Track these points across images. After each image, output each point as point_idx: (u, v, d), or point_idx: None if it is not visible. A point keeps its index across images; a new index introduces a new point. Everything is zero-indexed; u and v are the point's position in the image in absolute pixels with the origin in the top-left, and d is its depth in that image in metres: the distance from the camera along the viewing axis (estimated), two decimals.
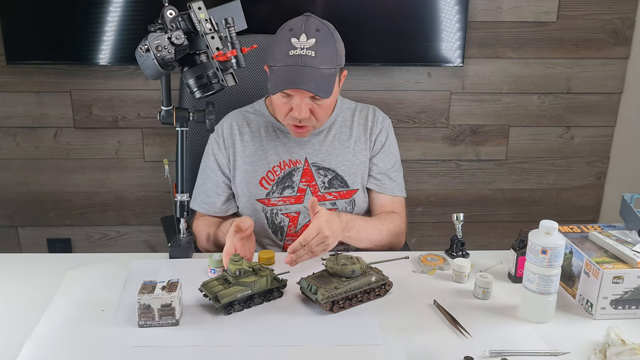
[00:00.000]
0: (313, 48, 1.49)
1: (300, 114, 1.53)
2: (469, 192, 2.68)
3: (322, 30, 1.52)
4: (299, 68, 1.49)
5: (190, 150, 1.82)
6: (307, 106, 1.53)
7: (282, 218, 1.68)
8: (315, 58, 1.49)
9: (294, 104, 1.53)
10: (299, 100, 1.52)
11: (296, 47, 1.49)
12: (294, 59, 1.49)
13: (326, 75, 1.51)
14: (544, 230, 1.25)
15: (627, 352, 1.13)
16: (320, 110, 1.57)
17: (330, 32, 1.54)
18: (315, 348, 1.19)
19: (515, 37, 2.45)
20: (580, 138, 2.62)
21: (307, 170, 1.67)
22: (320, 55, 1.50)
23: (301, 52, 1.49)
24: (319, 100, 1.54)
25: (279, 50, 1.52)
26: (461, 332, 1.24)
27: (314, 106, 1.55)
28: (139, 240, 2.66)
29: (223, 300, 1.26)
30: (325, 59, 1.51)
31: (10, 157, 2.51)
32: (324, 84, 1.51)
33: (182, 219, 1.53)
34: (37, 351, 1.16)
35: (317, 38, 1.50)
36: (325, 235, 1.43)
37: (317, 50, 1.49)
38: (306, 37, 1.49)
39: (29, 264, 1.52)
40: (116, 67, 2.39)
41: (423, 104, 2.53)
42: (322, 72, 1.50)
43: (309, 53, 1.49)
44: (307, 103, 1.53)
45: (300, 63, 1.49)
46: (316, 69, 1.49)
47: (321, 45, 1.50)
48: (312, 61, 1.49)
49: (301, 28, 1.50)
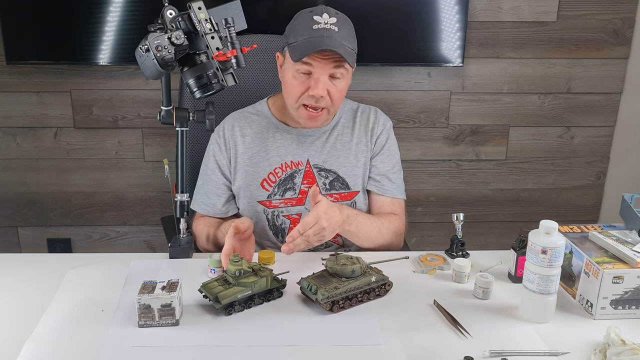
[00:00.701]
0: (336, 25, 1.52)
1: (318, 90, 1.52)
2: (469, 192, 2.68)
3: (342, 16, 1.56)
4: (326, 38, 1.50)
5: (190, 150, 1.82)
6: (324, 85, 1.53)
7: (283, 220, 1.67)
8: (339, 33, 1.51)
9: (312, 82, 1.53)
10: (318, 75, 1.52)
11: (319, 22, 1.51)
12: (318, 32, 1.50)
13: (350, 52, 1.53)
14: (544, 230, 1.25)
15: (627, 352, 1.13)
16: (336, 92, 1.56)
17: (347, 21, 1.57)
18: (315, 348, 1.19)
19: (515, 37, 2.45)
20: (580, 138, 2.62)
21: (308, 172, 1.67)
22: (343, 32, 1.53)
23: (325, 26, 1.51)
24: (337, 79, 1.54)
25: (301, 27, 1.53)
26: (461, 332, 1.24)
27: (331, 87, 1.55)
28: (139, 240, 2.66)
29: (223, 301, 1.26)
30: (347, 38, 1.54)
31: (10, 157, 2.51)
32: (349, 56, 1.52)
33: (182, 219, 1.53)
34: (37, 351, 1.16)
35: (338, 19, 1.53)
36: (322, 226, 1.42)
37: (340, 29, 1.52)
38: (328, 16, 1.53)
39: (29, 264, 1.52)
40: (116, 67, 2.39)
41: (423, 104, 2.53)
42: (346, 48, 1.52)
43: (333, 28, 1.51)
44: (325, 82, 1.53)
45: (326, 35, 1.50)
46: (340, 42, 1.51)
47: (342, 25, 1.53)
48: (337, 35, 1.51)
49: (322, 9, 1.54)
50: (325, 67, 1.51)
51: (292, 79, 1.55)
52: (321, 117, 1.59)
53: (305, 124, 1.61)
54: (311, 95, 1.53)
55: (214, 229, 1.63)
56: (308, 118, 1.58)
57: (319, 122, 1.61)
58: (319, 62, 1.51)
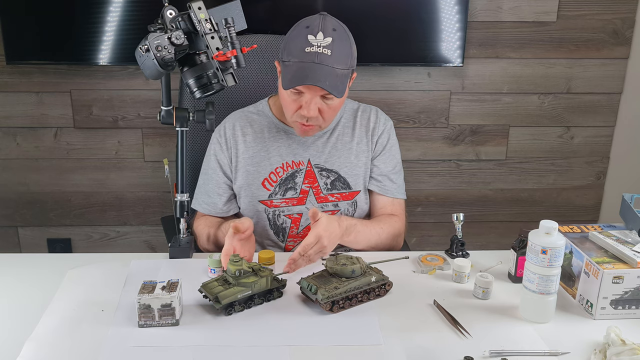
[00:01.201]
0: (329, 47, 1.48)
1: (309, 112, 1.52)
2: (469, 192, 2.68)
3: (339, 30, 1.52)
4: (315, 65, 1.48)
5: (190, 150, 1.82)
6: (316, 105, 1.52)
7: (284, 219, 1.67)
8: (331, 57, 1.48)
9: (304, 102, 1.52)
10: (310, 98, 1.52)
11: (313, 45, 1.48)
12: (310, 56, 1.48)
13: (340, 75, 1.51)
14: (544, 230, 1.25)
15: (627, 352, 1.13)
16: (328, 110, 1.56)
17: (346, 33, 1.54)
18: (315, 348, 1.19)
19: (515, 37, 2.45)
20: (580, 138, 2.62)
21: (309, 172, 1.67)
22: (336, 54, 1.49)
23: (317, 50, 1.48)
24: (329, 99, 1.53)
25: (295, 46, 1.50)
26: (461, 332, 1.24)
27: (323, 106, 1.54)
28: (139, 240, 2.66)
29: (223, 301, 1.26)
30: (340, 59, 1.50)
31: (10, 157, 2.51)
32: (338, 84, 1.50)
33: (182, 219, 1.53)
34: (37, 351, 1.16)
35: (333, 37, 1.49)
36: (323, 244, 1.44)
37: (334, 50, 1.48)
38: (323, 36, 1.49)
39: (29, 264, 1.52)
40: (116, 67, 2.39)
41: (423, 104, 2.52)
42: (337, 72, 1.49)
43: (326, 51, 1.48)
44: (316, 102, 1.52)
45: (317, 60, 1.48)
46: (332, 67, 1.48)
47: (337, 45, 1.49)
48: (328, 60, 1.48)
49: (318, 26, 1.49)
50: (314, 93, 1.52)
51: (285, 95, 1.56)
52: (314, 130, 1.61)
53: (299, 134, 1.64)
54: (302, 115, 1.54)
55: (214, 229, 1.63)
56: (301, 131, 1.61)
57: (312, 134, 1.63)
58: (308, 88, 1.51)
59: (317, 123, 1.57)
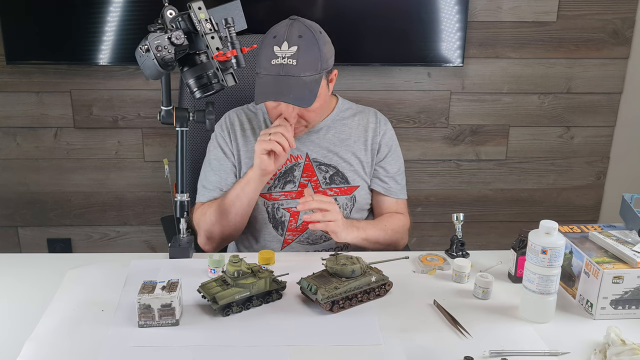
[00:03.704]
0: (294, 56, 1.49)
1: (289, 118, 1.55)
2: (469, 192, 2.68)
3: (306, 36, 1.52)
4: (280, 78, 1.49)
5: (190, 150, 1.82)
6: (294, 111, 1.55)
7: (283, 213, 1.68)
8: (296, 66, 1.49)
9: (283, 109, 1.56)
10: (285, 107, 1.55)
11: (278, 56, 1.50)
12: (275, 68, 1.50)
13: (309, 82, 1.51)
14: (544, 230, 1.25)
15: (627, 352, 1.13)
16: (308, 114, 1.58)
17: (314, 37, 1.53)
18: (315, 348, 1.19)
19: (515, 37, 2.45)
20: (580, 138, 2.62)
21: (308, 166, 1.68)
22: (302, 62, 1.50)
23: (282, 62, 1.49)
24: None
25: (263, 57, 1.53)
26: (461, 332, 1.24)
27: (302, 110, 1.56)
28: (139, 240, 2.66)
29: (221, 301, 1.26)
30: (307, 66, 1.51)
31: (10, 157, 2.51)
32: (305, 93, 1.51)
33: (182, 219, 1.53)
34: (37, 351, 1.16)
35: (299, 45, 1.50)
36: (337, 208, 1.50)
37: (299, 58, 1.49)
38: (288, 45, 1.50)
39: (29, 264, 1.52)
40: (116, 67, 2.39)
41: (423, 104, 2.53)
42: (304, 80, 1.50)
43: (291, 62, 1.49)
44: (293, 109, 1.55)
45: (282, 72, 1.49)
46: (297, 77, 1.50)
47: (303, 53, 1.50)
48: (294, 70, 1.49)
49: (284, 36, 1.50)
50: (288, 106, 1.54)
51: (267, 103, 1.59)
52: (302, 131, 1.63)
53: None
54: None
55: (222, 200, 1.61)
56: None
57: (302, 133, 1.65)
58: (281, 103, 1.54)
59: (302, 125, 1.60)
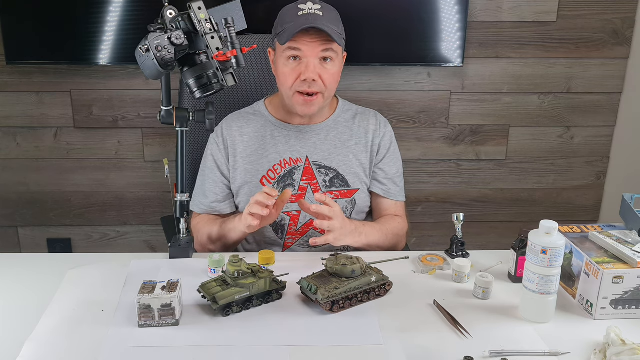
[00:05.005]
0: (320, 10, 1.55)
1: (309, 73, 1.54)
2: (469, 192, 2.68)
3: (327, 5, 1.58)
4: (312, 17, 1.53)
5: (190, 150, 1.82)
6: (315, 67, 1.55)
7: (282, 217, 1.68)
8: (323, 17, 1.54)
9: (303, 67, 1.55)
10: (309, 58, 1.55)
11: (304, 9, 1.54)
12: (303, 17, 1.53)
13: (336, 32, 1.55)
14: (544, 230, 1.25)
15: (627, 352, 1.13)
16: (328, 76, 1.58)
17: (335, 10, 1.59)
18: (315, 348, 1.19)
19: (515, 37, 2.45)
20: (580, 138, 2.62)
21: (308, 169, 1.67)
22: (327, 17, 1.55)
23: (310, 11, 1.54)
24: (326, 64, 1.56)
25: (286, 16, 1.57)
26: (461, 332, 1.24)
27: (323, 70, 1.56)
28: (139, 240, 2.66)
29: (221, 301, 1.26)
30: (332, 21, 1.55)
31: (10, 157, 2.51)
32: (336, 35, 1.54)
33: (182, 219, 1.53)
34: (37, 351, 1.16)
35: (322, 6, 1.57)
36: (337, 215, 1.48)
37: (324, 13, 1.55)
38: (312, 4, 1.56)
39: (29, 264, 1.52)
40: (116, 67, 2.39)
41: (423, 104, 2.53)
42: (331, 28, 1.54)
43: (318, 12, 1.54)
44: (315, 64, 1.55)
45: (311, 19, 1.53)
46: (326, 25, 1.53)
47: (327, 11, 1.56)
48: (322, 19, 1.53)
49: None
50: (314, 50, 1.54)
51: (283, 67, 1.58)
52: (317, 102, 1.60)
53: (301, 111, 1.62)
54: (303, 80, 1.56)
55: (217, 227, 1.63)
56: (303, 104, 1.60)
57: (315, 107, 1.61)
58: (307, 45, 1.54)
59: (319, 89, 1.58)
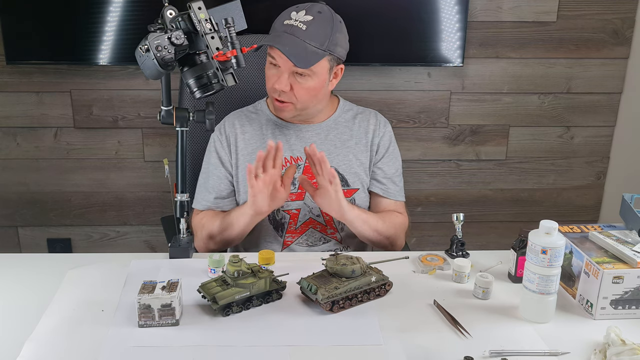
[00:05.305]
0: (306, 23, 1.53)
1: (279, 84, 1.56)
2: (469, 192, 2.68)
3: (325, 15, 1.56)
4: (285, 35, 1.53)
5: (190, 150, 1.82)
6: (287, 79, 1.56)
7: (282, 214, 1.68)
8: (304, 32, 1.52)
9: (276, 76, 1.57)
10: (282, 70, 1.56)
11: (291, 19, 1.54)
12: (285, 27, 1.54)
13: (310, 50, 1.53)
14: (544, 230, 1.25)
15: (627, 352, 1.13)
16: (300, 89, 1.57)
17: (332, 19, 1.57)
18: (315, 348, 1.19)
19: (515, 37, 2.45)
20: (580, 138, 2.62)
21: (308, 168, 1.67)
22: (311, 31, 1.53)
23: (293, 24, 1.53)
24: (300, 78, 1.56)
25: (278, 21, 1.58)
26: (461, 332, 1.24)
27: (295, 83, 1.57)
28: (139, 240, 2.66)
29: (221, 302, 1.26)
30: (314, 36, 1.53)
31: (10, 157, 2.51)
32: (303, 55, 1.52)
33: (182, 219, 1.53)
34: (37, 351, 1.16)
35: (315, 17, 1.54)
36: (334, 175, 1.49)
37: (310, 27, 1.53)
38: (304, 13, 1.54)
39: (29, 264, 1.52)
40: (116, 67, 2.39)
41: (423, 104, 2.52)
42: (306, 46, 1.52)
43: (300, 26, 1.53)
44: (287, 77, 1.56)
45: (289, 32, 1.53)
46: (301, 40, 1.52)
47: (315, 25, 1.53)
48: (300, 33, 1.52)
49: (305, 6, 1.56)
50: (286, 63, 1.54)
51: (267, 69, 1.61)
52: (288, 109, 1.62)
53: (276, 112, 1.67)
54: (274, 88, 1.57)
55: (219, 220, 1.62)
56: (276, 108, 1.64)
57: (287, 114, 1.64)
58: (280, 58, 1.54)
59: (290, 100, 1.59)
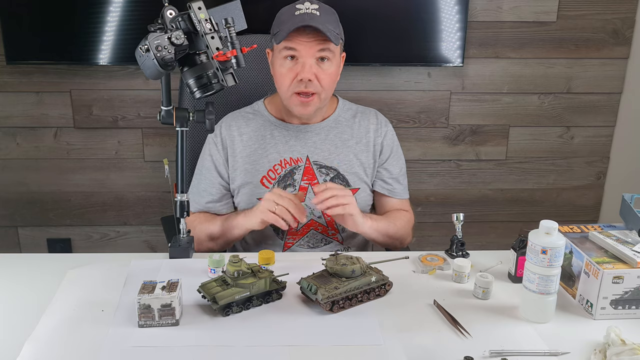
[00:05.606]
0: (317, 10, 1.54)
1: (305, 73, 1.53)
2: (469, 192, 2.68)
3: (324, 5, 1.58)
4: (308, 16, 1.53)
5: (190, 150, 1.82)
6: (312, 67, 1.55)
7: None
8: (320, 17, 1.53)
9: (299, 67, 1.55)
10: (305, 58, 1.54)
11: (301, 9, 1.54)
12: (300, 16, 1.53)
13: (332, 32, 1.54)
14: (544, 230, 1.25)
15: (627, 352, 1.13)
16: (324, 76, 1.57)
17: (333, 11, 1.59)
18: (315, 348, 1.19)
19: (515, 37, 2.45)
20: (580, 138, 2.62)
21: (308, 169, 1.67)
22: (324, 16, 1.54)
23: (307, 11, 1.53)
24: (323, 64, 1.56)
25: (284, 16, 1.57)
26: (461, 332, 1.24)
27: (319, 70, 1.56)
28: (139, 240, 2.66)
29: (221, 301, 1.26)
30: (330, 21, 1.55)
31: (10, 157, 2.51)
32: (332, 34, 1.53)
33: (182, 219, 1.53)
34: (37, 351, 1.16)
35: (320, 6, 1.56)
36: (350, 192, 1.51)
37: (321, 13, 1.54)
38: (310, 4, 1.55)
39: (29, 264, 1.52)
40: (116, 67, 2.39)
41: (423, 104, 2.53)
42: (329, 28, 1.53)
43: (314, 12, 1.53)
44: (312, 64, 1.55)
45: (307, 18, 1.52)
46: (322, 24, 1.52)
47: (324, 10, 1.56)
48: (318, 19, 1.53)
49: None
50: (310, 50, 1.53)
51: (280, 67, 1.58)
52: (313, 103, 1.59)
53: (298, 112, 1.62)
54: (300, 80, 1.55)
55: (218, 227, 1.63)
56: (300, 105, 1.59)
57: (312, 108, 1.61)
58: (303, 44, 1.53)
59: (315, 90, 1.57)
